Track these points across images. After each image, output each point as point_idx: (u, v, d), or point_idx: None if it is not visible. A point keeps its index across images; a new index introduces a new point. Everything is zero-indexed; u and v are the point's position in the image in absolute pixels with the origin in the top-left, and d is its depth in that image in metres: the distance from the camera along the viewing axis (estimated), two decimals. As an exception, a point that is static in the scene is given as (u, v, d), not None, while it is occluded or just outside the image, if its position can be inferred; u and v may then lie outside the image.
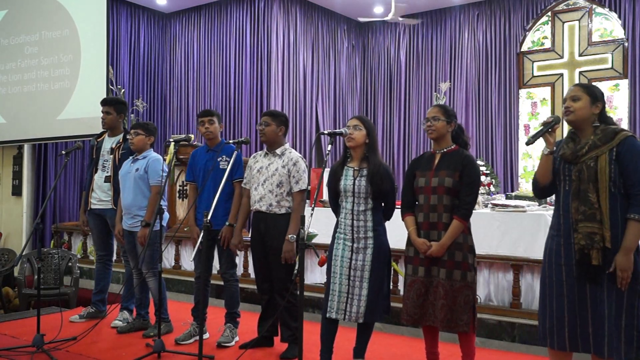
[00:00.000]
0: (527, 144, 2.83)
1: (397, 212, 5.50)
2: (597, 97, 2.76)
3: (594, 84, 3.26)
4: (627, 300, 2.60)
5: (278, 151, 3.92)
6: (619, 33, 8.05)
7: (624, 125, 7.95)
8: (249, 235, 4.18)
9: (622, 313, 2.59)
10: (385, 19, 8.32)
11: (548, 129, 2.76)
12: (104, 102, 4.76)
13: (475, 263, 3.22)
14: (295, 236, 3.67)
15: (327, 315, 3.34)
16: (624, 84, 8.01)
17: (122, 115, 4.77)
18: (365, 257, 3.32)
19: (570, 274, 2.68)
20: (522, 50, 8.79)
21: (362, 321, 3.31)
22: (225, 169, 3.95)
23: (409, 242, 3.29)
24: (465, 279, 3.11)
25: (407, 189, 3.35)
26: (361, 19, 8.96)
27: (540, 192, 2.93)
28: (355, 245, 3.33)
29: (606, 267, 2.60)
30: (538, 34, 8.74)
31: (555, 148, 2.79)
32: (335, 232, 3.45)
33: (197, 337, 3.70)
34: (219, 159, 4.09)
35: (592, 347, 2.64)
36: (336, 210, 3.52)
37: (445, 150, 3.27)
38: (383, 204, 3.45)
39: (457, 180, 3.15)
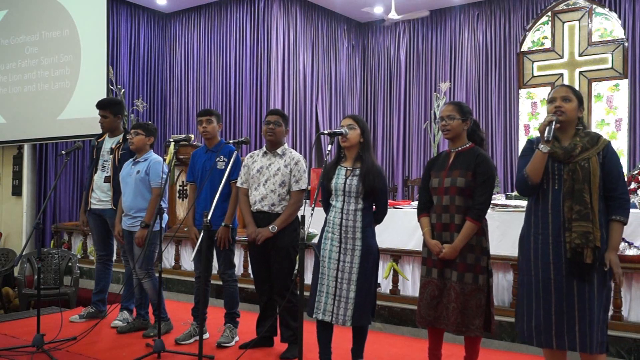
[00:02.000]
0: (548, 141, 2.71)
1: (400, 213, 5.51)
2: (582, 101, 2.85)
3: (593, 84, 3.25)
4: (606, 296, 2.74)
5: (279, 151, 3.92)
6: (619, 33, 8.05)
7: (624, 125, 7.96)
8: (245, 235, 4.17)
9: (602, 308, 2.71)
10: (389, 16, 8.31)
11: (554, 125, 2.73)
12: (99, 106, 4.74)
13: (489, 266, 3.13)
14: (276, 227, 3.70)
15: (314, 315, 3.32)
16: (624, 84, 8.01)
17: (119, 116, 4.75)
18: (353, 258, 3.27)
19: (560, 272, 2.71)
20: (522, 50, 8.79)
21: (349, 325, 3.27)
22: (223, 169, 3.95)
23: (425, 243, 3.23)
24: (477, 282, 3.05)
25: (423, 189, 3.29)
26: (364, 9, 8.90)
27: (529, 190, 2.86)
28: (343, 245, 3.29)
29: (596, 265, 2.67)
30: (538, 34, 8.74)
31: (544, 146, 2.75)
32: (323, 230, 3.40)
33: (197, 337, 3.70)
34: (216, 160, 4.08)
35: (579, 345, 2.67)
36: (327, 209, 3.48)
37: (460, 148, 3.19)
38: (375, 207, 3.40)
39: (470, 180, 3.07)
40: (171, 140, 4.34)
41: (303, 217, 3.02)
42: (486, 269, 3.11)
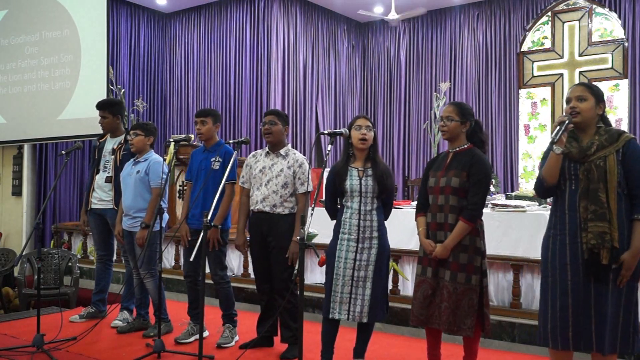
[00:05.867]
0: (555, 142, 2.68)
1: (400, 213, 5.52)
2: (601, 98, 2.76)
3: (594, 84, 3.23)
4: (626, 297, 2.65)
5: (282, 152, 3.91)
6: (619, 33, 8.05)
7: (624, 125, 7.96)
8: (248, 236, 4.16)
9: (620, 309, 2.63)
10: (387, 18, 8.31)
11: (566, 127, 2.70)
12: (98, 107, 4.75)
13: (484, 266, 3.14)
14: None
15: (330, 316, 3.32)
16: (624, 84, 8.01)
17: (118, 116, 4.75)
18: (370, 257, 3.31)
19: (576, 274, 2.68)
20: (522, 50, 8.79)
21: (365, 321, 3.31)
22: (217, 170, 3.96)
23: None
24: (469, 282, 3.06)
25: (421, 189, 3.33)
26: (362, 12, 8.93)
27: (545, 192, 2.87)
28: (360, 245, 3.32)
29: (613, 266, 2.62)
30: (538, 34, 8.74)
31: (563, 147, 2.76)
32: (337, 232, 3.41)
33: (197, 336, 3.70)
34: (212, 159, 4.07)
35: (595, 345, 2.65)
36: (332, 211, 3.50)
37: (457, 149, 3.22)
38: (383, 204, 3.44)
39: (464, 180, 3.09)
40: (171, 140, 4.33)
41: (303, 217, 3.03)
42: (480, 269, 3.11)
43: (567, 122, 2.69)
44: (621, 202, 2.64)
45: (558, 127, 2.68)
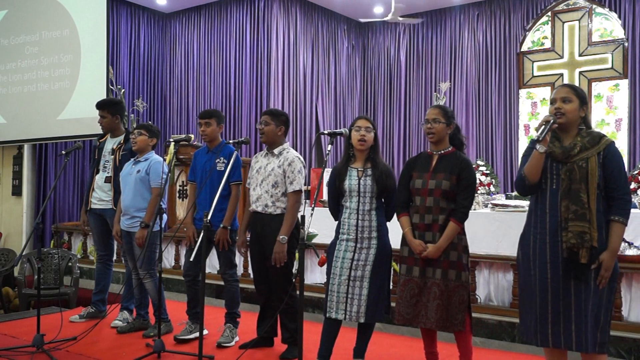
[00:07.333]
0: (539, 141, 2.73)
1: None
2: (584, 101, 2.82)
3: (593, 84, 3.26)
4: (606, 297, 2.70)
5: (276, 151, 3.91)
6: (619, 33, 8.05)
7: (624, 125, 7.97)
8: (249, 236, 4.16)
9: (602, 309, 2.68)
10: (385, 19, 8.33)
11: (550, 127, 2.75)
12: (97, 106, 4.75)
13: (469, 263, 3.25)
14: (286, 237, 3.67)
15: (327, 315, 3.34)
16: (624, 84, 8.01)
17: (118, 116, 4.74)
18: (368, 257, 3.31)
19: (556, 272, 2.72)
20: (522, 50, 8.79)
21: (362, 321, 3.31)
22: (222, 171, 3.95)
23: (404, 241, 3.29)
24: (460, 278, 3.14)
25: (402, 189, 3.35)
26: (362, 20, 8.98)
27: (526, 190, 2.90)
28: (358, 245, 3.33)
29: (592, 265, 2.67)
30: (538, 34, 8.75)
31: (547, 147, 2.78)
32: (337, 232, 3.43)
33: (197, 333, 3.69)
34: (216, 160, 4.07)
35: (575, 344, 2.67)
36: (335, 211, 3.52)
37: (442, 152, 3.27)
38: (385, 204, 3.44)
39: (454, 184, 3.16)
40: (171, 140, 4.33)
41: (303, 217, 3.03)
42: (467, 266, 3.20)
43: (552, 121, 2.73)
44: (599, 203, 2.70)
45: (543, 127, 2.72)
